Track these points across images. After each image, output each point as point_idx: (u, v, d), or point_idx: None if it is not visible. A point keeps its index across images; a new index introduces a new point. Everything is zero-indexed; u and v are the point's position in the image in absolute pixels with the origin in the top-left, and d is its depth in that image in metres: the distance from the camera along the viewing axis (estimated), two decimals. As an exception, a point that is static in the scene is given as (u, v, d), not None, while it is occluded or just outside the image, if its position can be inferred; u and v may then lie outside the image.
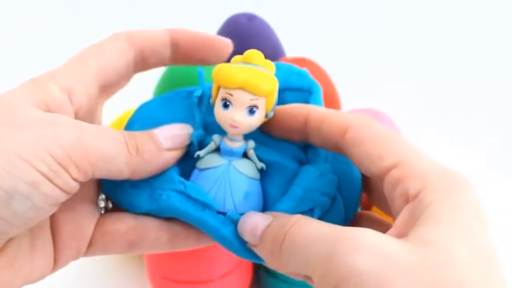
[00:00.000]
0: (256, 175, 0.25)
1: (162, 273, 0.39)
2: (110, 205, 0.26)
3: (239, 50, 0.26)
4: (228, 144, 0.24)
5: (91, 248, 0.25)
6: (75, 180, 0.21)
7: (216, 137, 0.25)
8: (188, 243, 0.25)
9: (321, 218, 0.23)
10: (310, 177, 0.24)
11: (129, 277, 0.46)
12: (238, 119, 0.23)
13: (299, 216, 0.22)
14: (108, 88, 0.26)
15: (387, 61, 0.72)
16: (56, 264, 0.24)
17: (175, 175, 0.24)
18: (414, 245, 0.18)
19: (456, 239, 0.18)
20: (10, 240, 0.21)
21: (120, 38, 0.25)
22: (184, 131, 0.24)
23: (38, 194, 0.20)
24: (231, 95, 0.23)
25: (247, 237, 0.23)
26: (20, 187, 0.19)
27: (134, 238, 0.25)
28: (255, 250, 0.23)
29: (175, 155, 0.24)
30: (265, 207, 0.25)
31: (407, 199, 0.20)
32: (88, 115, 0.25)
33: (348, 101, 0.53)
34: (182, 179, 0.24)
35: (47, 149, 0.20)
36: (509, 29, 0.77)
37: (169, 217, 0.25)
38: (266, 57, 0.24)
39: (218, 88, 0.23)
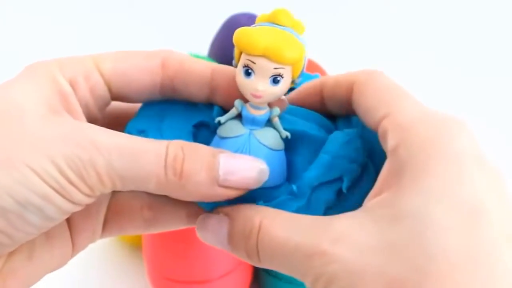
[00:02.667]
0: (279, 145, 0.23)
1: (162, 273, 0.39)
2: None
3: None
4: (251, 111, 0.22)
5: (107, 228, 0.24)
6: (89, 196, 0.20)
7: (237, 103, 0.23)
8: None
9: (352, 187, 0.22)
10: (338, 143, 0.22)
11: (129, 277, 0.46)
12: (261, 88, 0.21)
13: (259, 214, 0.20)
14: (121, 95, 0.24)
15: (387, 61, 0.72)
16: (74, 248, 0.23)
17: None
18: (382, 225, 0.17)
19: (430, 201, 0.17)
20: None
21: (156, 56, 0.23)
22: (255, 171, 0.21)
23: (50, 207, 0.19)
24: (253, 62, 0.21)
25: (216, 246, 0.22)
26: (32, 199, 0.19)
27: (150, 215, 0.24)
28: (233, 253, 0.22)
29: (229, 194, 0.21)
30: (291, 178, 0.23)
31: (387, 155, 0.19)
32: (96, 111, 0.23)
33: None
34: None
35: (57, 167, 0.19)
36: (509, 28, 0.77)
37: None
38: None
39: (240, 53, 0.22)
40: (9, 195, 0.18)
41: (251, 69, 0.21)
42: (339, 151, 0.22)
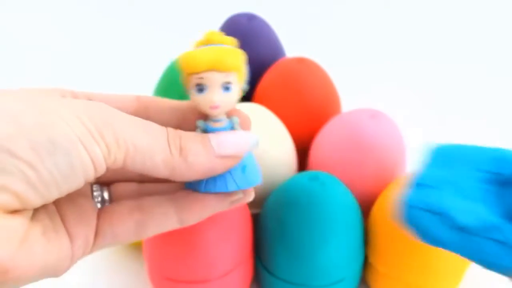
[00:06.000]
0: None
1: (163, 273, 0.39)
2: (106, 196, 0.26)
3: (239, 50, 0.26)
4: (213, 125, 0.24)
5: (99, 237, 0.25)
6: (105, 158, 0.21)
7: (199, 122, 0.25)
8: (194, 213, 0.25)
9: None
10: None
11: (130, 277, 0.46)
12: (216, 99, 0.23)
13: None
14: None
15: (387, 61, 0.72)
16: (73, 254, 0.23)
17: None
18: None
19: None
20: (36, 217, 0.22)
21: (129, 95, 0.26)
22: (244, 139, 0.24)
23: (75, 153, 0.20)
24: (202, 78, 0.23)
25: None
26: (61, 141, 0.20)
27: (140, 216, 0.25)
28: None
29: (227, 163, 0.24)
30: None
31: None
32: None
33: (348, 101, 0.53)
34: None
35: (80, 119, 0.21)
36: (509, 29, 0.77)
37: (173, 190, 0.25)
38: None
39: (188, 76, 0.24)
40: (44, 132, 0.20)
41: (203, 85, 0.23)
42: None
